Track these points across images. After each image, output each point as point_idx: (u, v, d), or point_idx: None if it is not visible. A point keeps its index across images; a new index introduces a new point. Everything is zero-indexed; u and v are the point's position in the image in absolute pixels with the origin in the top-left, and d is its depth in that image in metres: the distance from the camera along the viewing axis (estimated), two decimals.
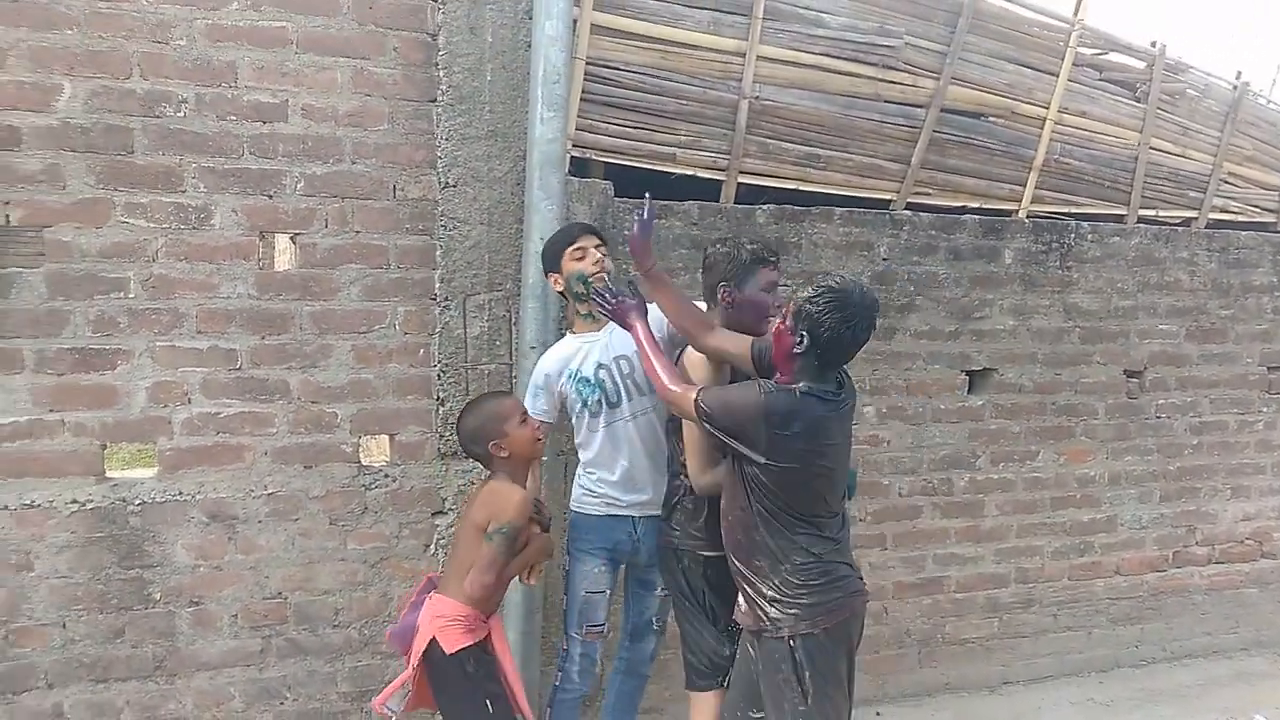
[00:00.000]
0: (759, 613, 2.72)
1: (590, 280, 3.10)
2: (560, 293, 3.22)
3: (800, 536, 2.67)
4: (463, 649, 2.72)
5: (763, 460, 2.63)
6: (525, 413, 2.96)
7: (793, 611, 2.66)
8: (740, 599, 2.80)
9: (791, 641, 2.66)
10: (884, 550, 4.31)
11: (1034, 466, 4.56)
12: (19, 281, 3.05)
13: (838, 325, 2.59)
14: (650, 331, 2.95)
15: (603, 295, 3.03)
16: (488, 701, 2.75)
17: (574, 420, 3.21)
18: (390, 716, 2.80)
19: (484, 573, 2.72)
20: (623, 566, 3.28)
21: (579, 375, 3.14)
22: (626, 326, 2.99)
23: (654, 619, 3.31)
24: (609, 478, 3.17)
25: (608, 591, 3.22)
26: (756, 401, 2.62)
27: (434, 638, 2.73)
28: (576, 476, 3.29)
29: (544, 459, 3.37)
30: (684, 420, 2.92)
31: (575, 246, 3.14)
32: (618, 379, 3.14)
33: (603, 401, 3.13)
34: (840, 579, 2.72)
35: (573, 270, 3.13)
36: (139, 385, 3.19)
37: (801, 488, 2.68)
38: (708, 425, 2.71)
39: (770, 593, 2.69)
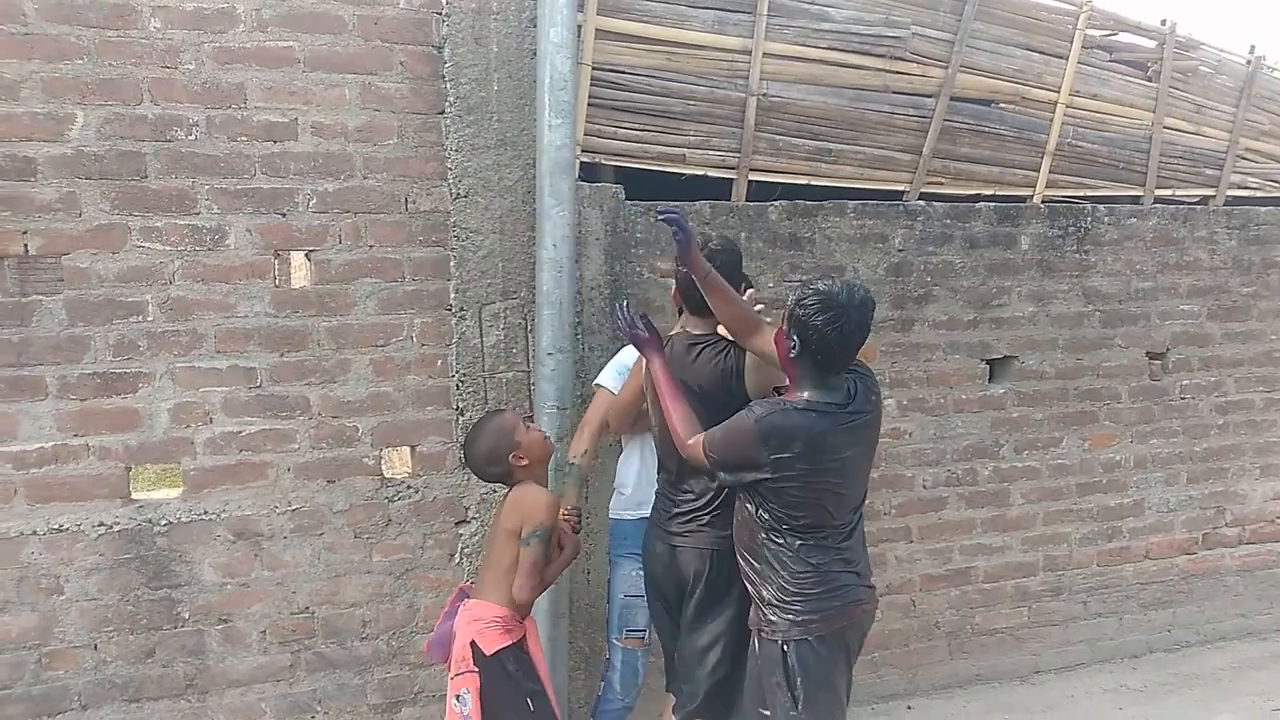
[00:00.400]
0: (759, 613, 2.73)
1: None
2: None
3: (800, 547, 2.66)
4: (502, 649, 2.75)
5: (771, 485, 2.64)
6: (525, 420, 2.99)
7: (787, 617, 2.66)
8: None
9: (785, 646, 2.66)
10: (910, 543, 4.29)
11: (1058, 453, 4.52)
12: (40, 309, 3.08)
13: (825, 328, 2.58)
14: (669, 372, 2.92)
15: (620, 318, 3.03)
16: (529, 700, 2.78)
17: None
18: None
19: (529, 576, 2.77)
20: None
21: None
22: (645, 357, 3.00)
23: None
24: (637, 465, 3.25)
25: (646, 596, 3.22)
26: (751, 429, 2.63)
27: (473, 640, 2.75)
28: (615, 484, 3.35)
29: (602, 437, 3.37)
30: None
31: None
32: None
33: None
34: (840, 588, 2.69)
35: None
36: (161, 407, 3.21)
37: (804, 503, 2.66)
38: (721, 472, 2.73)
39: (768, 596, 2.69)
